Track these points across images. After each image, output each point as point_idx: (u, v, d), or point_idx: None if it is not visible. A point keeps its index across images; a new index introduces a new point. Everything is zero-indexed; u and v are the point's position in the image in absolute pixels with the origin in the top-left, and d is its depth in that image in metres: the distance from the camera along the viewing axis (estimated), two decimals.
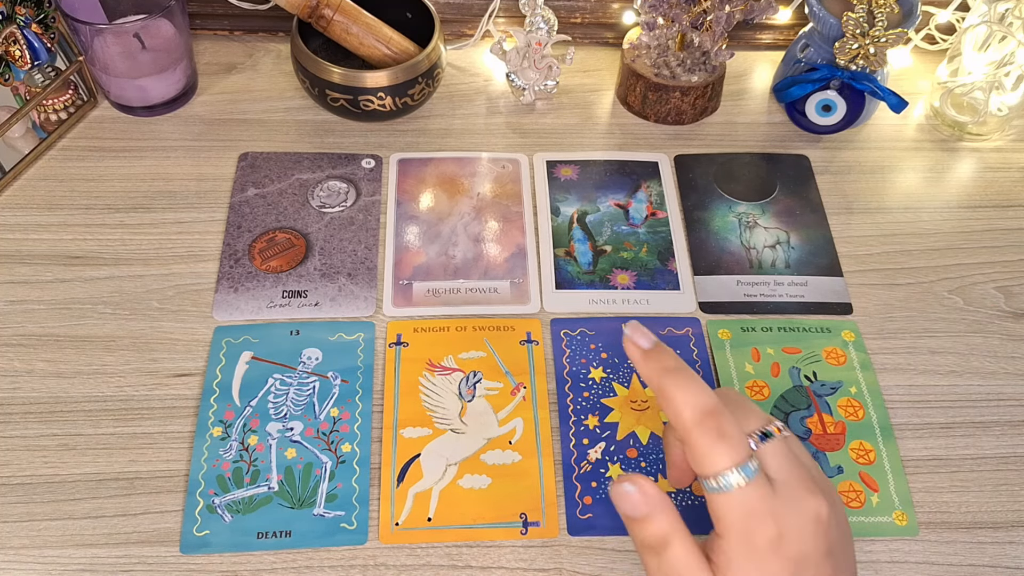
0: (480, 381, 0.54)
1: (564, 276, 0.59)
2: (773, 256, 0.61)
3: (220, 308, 0.56)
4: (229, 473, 0.49)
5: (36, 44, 0.60)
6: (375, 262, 0.59)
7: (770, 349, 0.56)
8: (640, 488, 0.37)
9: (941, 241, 0.63)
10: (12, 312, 0.55)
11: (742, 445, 0.36)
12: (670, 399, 0.37)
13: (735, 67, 0.72)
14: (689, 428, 0.36)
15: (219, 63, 0.70)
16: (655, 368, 0.38)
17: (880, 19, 0.61)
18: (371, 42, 0.64)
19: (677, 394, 0.37)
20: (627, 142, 0.68)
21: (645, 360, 0.38)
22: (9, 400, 0.52)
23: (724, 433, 0.36)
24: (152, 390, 0.52)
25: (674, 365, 0.38)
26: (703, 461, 0.36)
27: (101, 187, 0.62)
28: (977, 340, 0.57)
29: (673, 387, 0.37)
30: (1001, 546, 0.49)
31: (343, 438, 0.51)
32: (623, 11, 0.71)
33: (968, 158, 0.68)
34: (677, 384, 0.37)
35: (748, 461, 0.36)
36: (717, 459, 0.36)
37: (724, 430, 0.36)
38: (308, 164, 0.64)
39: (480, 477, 0.50)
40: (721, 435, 0.36)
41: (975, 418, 0.54)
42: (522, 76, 0.67)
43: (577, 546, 0.48)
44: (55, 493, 0.48)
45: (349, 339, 0.55)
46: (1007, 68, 0.66)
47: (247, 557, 0.47)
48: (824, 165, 0.67)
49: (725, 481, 0.36)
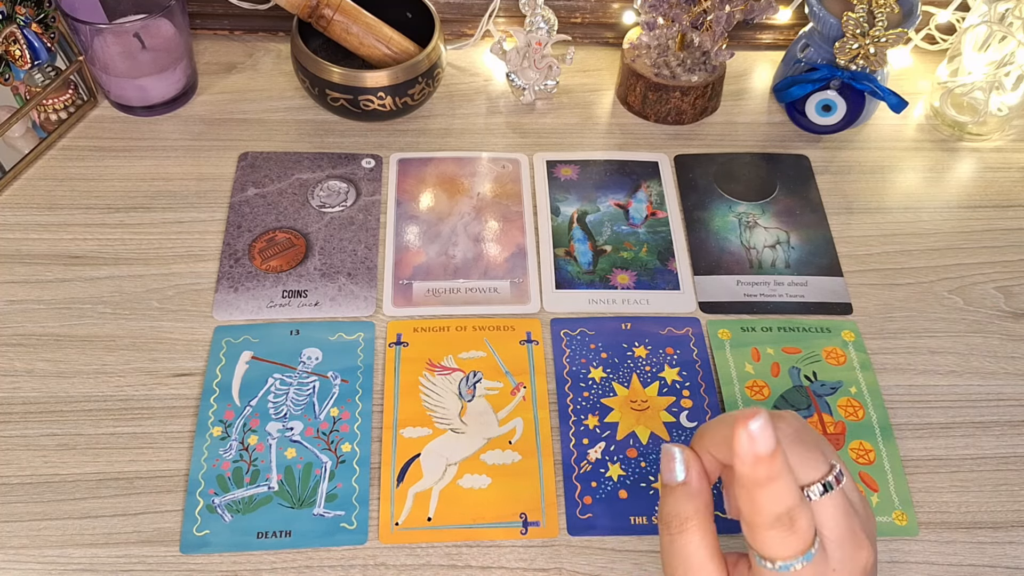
0: (480, 381, 0.54)
1: (564, 276, 0.59)
2: (773, 256, 0.61)
3: (220, 308, 0.56)
4: (229, 473, 0.49)
5: (36, 44, 0.60)
6: (375, 262, 0.59)
7: (770, 349, 0.56)
8: (685, 459, 0.36)
9: (941, 241, 0.63)
10: (12, 312, 0.55)
11: (809, 535, 0.34)
12: (756, 503, 0.34)
13: (735, 67, 0.72)
14: (763, 527, 0.34)
15: (219, 63, 0.70)
16: (761, 476, 0.33)
17: (880, 19, 0.61)
18: (371, 42, 0.64)
19: (767, 501, 0.34)
20: (627, 142, 0.68)
21: (755, 465, 0.33)
22: (9, 400, 0.52)
23: (795, 527, 0.34)
24: (152, 390, 0.52)
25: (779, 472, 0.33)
26: (767, 548, 0.34)
27: (101, 187, 0.62)
28: (977, 340, 0.57)
29: (767, 495, 0.34)
30: (1001, 546, 0.49)
31: (343, 438, 0.51)
32: (623, 11, 0.71)
33: (968, 158, 0.68)
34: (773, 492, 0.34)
35: (811, 548, 0.34)
36: (782, 551, 0.34)
37: (796, 523, 0.34)
38: (308, 164, 0.64)
39: (480, 477, 0.50)
40: (792, 528, 0.34)
41: (975, 418, 0.54)
42: (522, 76, 0.67)
43: (577, 546, 0.48)
44: (55, 493, 0.48)
45: (349, 339, 0.55)
46: (1007, 68, 0.66)
47: (247, 557, 0.47)
48: (824, 165, 0.67)
49: (782, 566, 0.34)
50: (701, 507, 0.36)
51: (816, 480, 0.36)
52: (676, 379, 0.54)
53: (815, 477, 0.36)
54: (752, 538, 0.35)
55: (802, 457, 0.36)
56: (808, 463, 0.36)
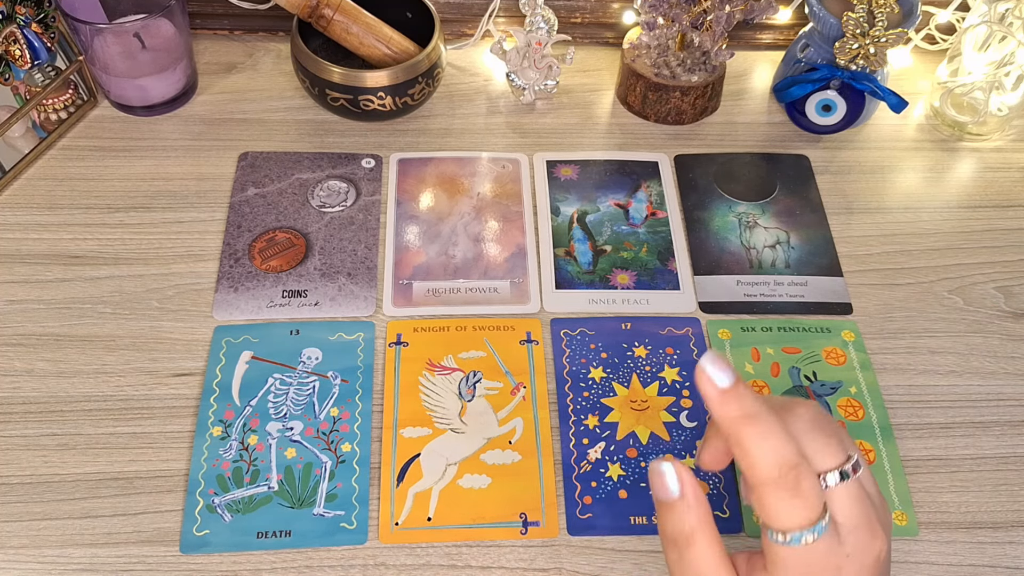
0: (480, 381, 0.54)
1: (564, 276, 0.59)
2: (773, 256, 0.61)
3: (220, 308, 0.56)
4: (229, 473, 0.49)
5: (36, 43, 0.60)
6: (375, 262, 0.59)
7: (770, 349, 0.56)
8: (677, 473, 0.36)
9: (941, 241, 0.63)
10: (12, 312, 0.55)
11: (818, 503, 0.34)
12: (746, 450, 0.34)
13: (735, 67, 0.72)
14: (763, 483, 0.34)
15: (219, 63, 0.70)
16: (733, 414, 0.34)
17: (880, 19, 0.61)
18: (371, 42, 0.64)
19: (755, 446, 0.33)
20: (627, 142, 0.68)
21: (722, 402, 0.34)
22: (9, 400, 0.52)
23: (800, 491, 0.33)
24: (152, 390, 0.52)
25: (755, 410, 0.34)
26: (773, 517, 0.34)
27: (101, 187, 0.62)
28: (977, 340, 0.57)
29: (752, 437, 0.33)
30: (1001, 546, 0.49)
31: (343, 438, 0.51)
32: (623, 11, 0.71)
33: (968, 158, 0.68)
34: (757, 434, 0.33)
35: (821, 519, 0.34)
36: (789, 519, 0.34)
37: (801, 488, 0.33)
38: (308, 164, 0.64)
39: (480, 477, 0.50)
40: (797, 493, 0.33)
41: (975, 418, 0.54)
42: (522, 76, 0.67)
43: (577, 546, 0.48)
44: (55, 493, 0.48)
45: (349, 339, 0.55)
46: (1007, 68, 0.66)
47: (247, 557, 0.47)
48: (824, 165, 0.67)
49: (792, 538, 0.34)
50: (703, 516, 0.36)
51: (833, 468, 0.35)
52: (676, 379, 0.54)
53: (832, 464, 0.35)
54: (759, 504, 0.34)
55: (819, 444, 0.36)
56: (825, 450, 0.36)
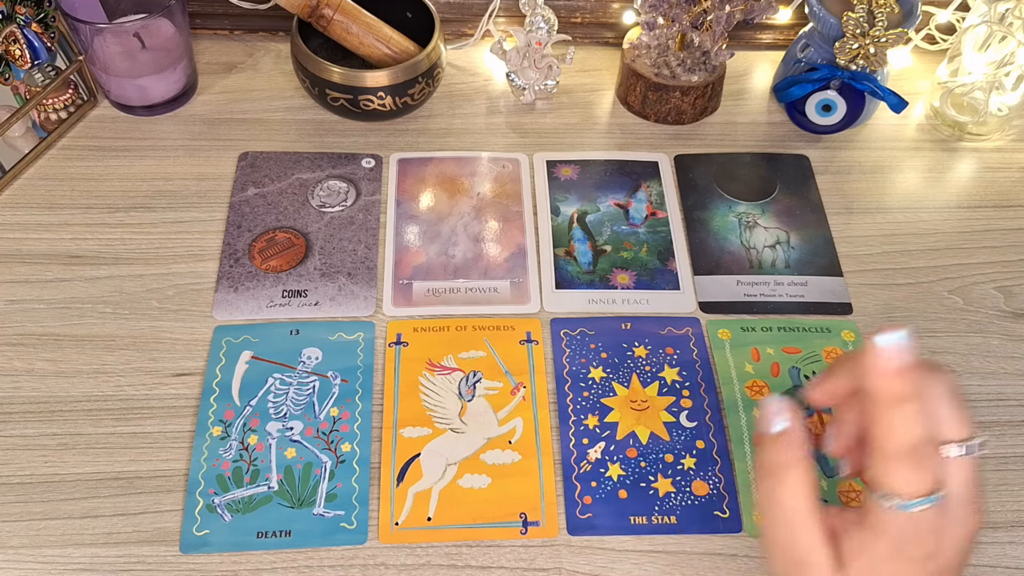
0: (480, 381, 0.54)
1: (564, 276, 0.59)
2: (773, 256, 0.61)
3: (220, 307, 0.56)
4: (229, 473, 0.49)
5: (36, 43, 0.60)
6: (375, 262, 0.59)
7: (770, 349, 0.56)
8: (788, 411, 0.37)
9: (941, 241, 0.63)
10: (12, 312, 0.55)
11: (935, 479, 0.34)
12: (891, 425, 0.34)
13: (735, 67, 0.72)
14: (893, 455, 0.34)
15: (219, 63, 0.70)
16: (897, 391, 0.34)
17: (880, 19, 0.61)
18: (371, 41, 0.64)
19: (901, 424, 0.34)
20: (627, 142, 0.68)
21: (891, 380, 0.34)
22: (9, 400, 0.52)
23: (924, 464, 0.34)
24: (152, 390, 0.52)
25: (915, 392, 0.34)
26: (894, 481, 0.34)
27: (101, 187, 0.62)
28: (977, 340, 0.57)
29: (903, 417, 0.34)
30: (1001, 546, 0.49)
31: (343, 438, 0.51)
32: (623, 11, 0.71)
33: (968, 158, 0.68)
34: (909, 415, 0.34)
35: (936, 491, 0.34)
36: (907, 485, 0.34)
37: (925, 461, 0.34)
38: (308, 164, 0.64)
39: (480, 477, 0.50)
40: (921, 465, 0.33)
41: (975, 418, 0.54)
42: (522, 76, 0.67)
43: (577, 546, 0.48)
44: (55, 493, 0.48)
45: (349, 339, 0.55)
46: (1007, 68, 0.66)
47: (247, 557, 0.47)
48: (824, 165, 0.67)
49: (904, 504, 0.34)
50: (801, 457, 0.36)
51: (959, 440, 0.35)
52: (676, 379, 0.54)
53: (958, 436, 0.35)
54: (882, 469, 0.34)
55: (950, 413, 0.36)
56: (954, 420, 0.36)
